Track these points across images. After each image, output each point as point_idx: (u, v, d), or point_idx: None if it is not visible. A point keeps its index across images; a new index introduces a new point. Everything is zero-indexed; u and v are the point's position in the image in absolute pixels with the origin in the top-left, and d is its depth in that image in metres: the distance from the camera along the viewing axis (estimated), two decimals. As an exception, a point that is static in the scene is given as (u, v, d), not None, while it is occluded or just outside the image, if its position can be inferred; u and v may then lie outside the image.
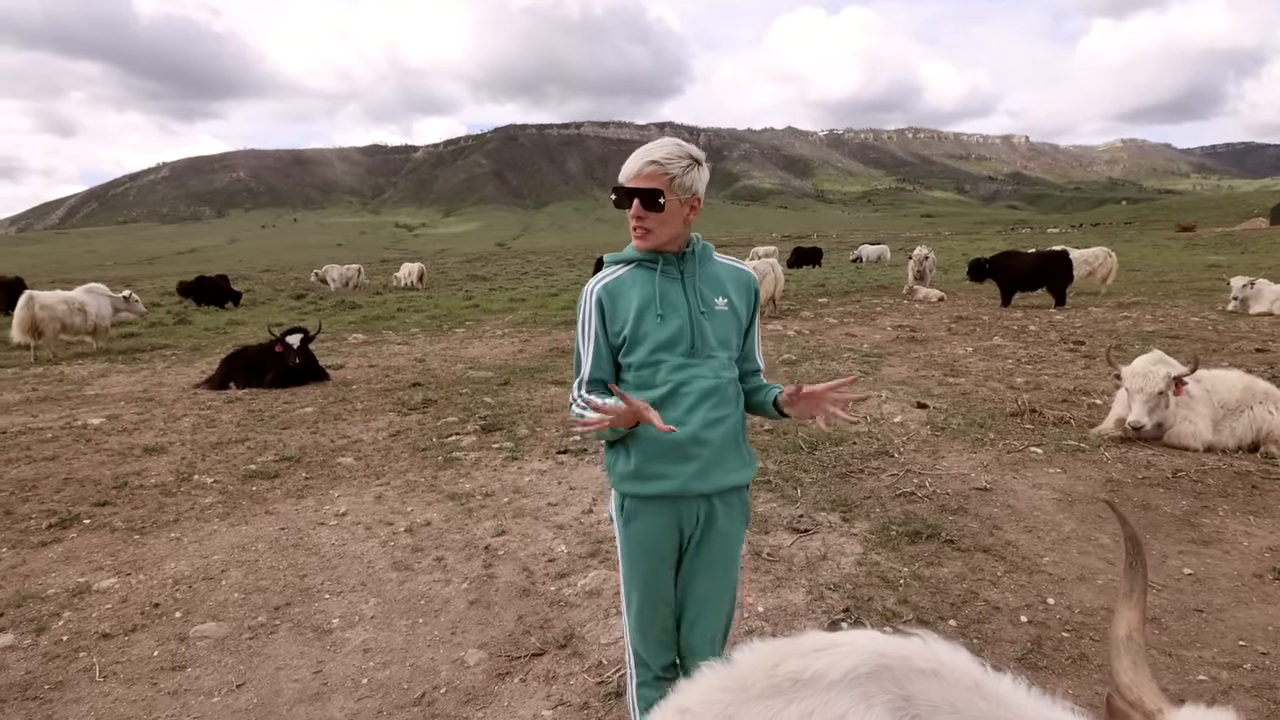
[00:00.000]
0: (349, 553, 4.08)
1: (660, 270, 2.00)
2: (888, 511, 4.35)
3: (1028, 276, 14.38)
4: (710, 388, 1.99)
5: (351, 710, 2.75)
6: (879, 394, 7.25)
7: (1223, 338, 9.90)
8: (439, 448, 5.99)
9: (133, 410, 7.61)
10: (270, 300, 22.96)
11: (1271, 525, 4.06)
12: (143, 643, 3.24)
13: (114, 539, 4.34)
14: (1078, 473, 4.96)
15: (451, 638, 3.21)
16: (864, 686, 1.29)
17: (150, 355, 11.60)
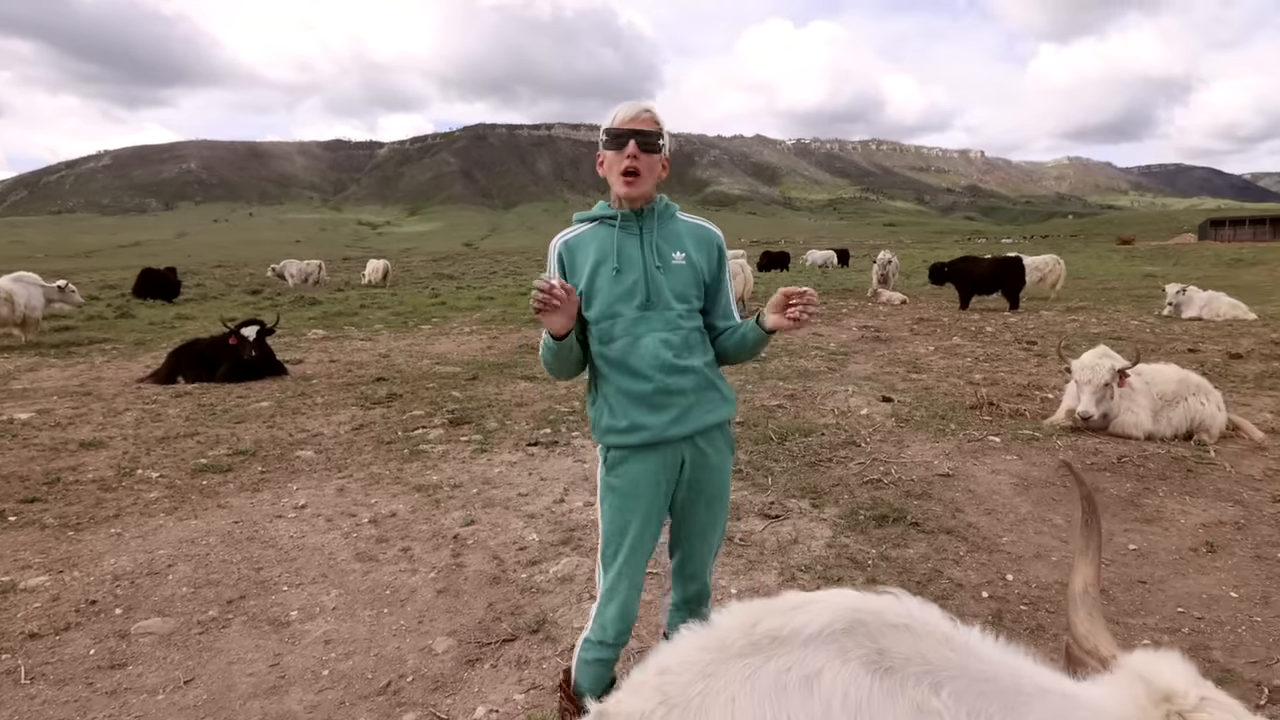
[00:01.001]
0: (309, 545, 3.91)
1: (619, 226, 2.06)
2: (856, 498, 4.39)
3: (984, 281, 14.88)
4: (671, 339, 2.03)
5: (311, 702, 2.61)
6: (846, 388, 7.35)
7: (1159, 339, 10.38)
8: (404, 441, 5.82)
9: (67, 405, 7.17)
10: (223, 295, 22.19)
11: (1204, 504, 4.27)
12: (77, 642, 3.02)
13: (44, 536, 4.06)
14: (1032, 459, 5.12)
15: (419, 626, 3.10)
16: (839, 642, 1.32)
17: (88, 349, 10.98)
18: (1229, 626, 2.97)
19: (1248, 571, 3.42)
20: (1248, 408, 6.25)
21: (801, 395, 7.14)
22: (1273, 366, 8.04)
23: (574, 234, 2.12)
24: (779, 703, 1.27)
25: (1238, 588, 3.27)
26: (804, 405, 6.73)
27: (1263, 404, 6.47)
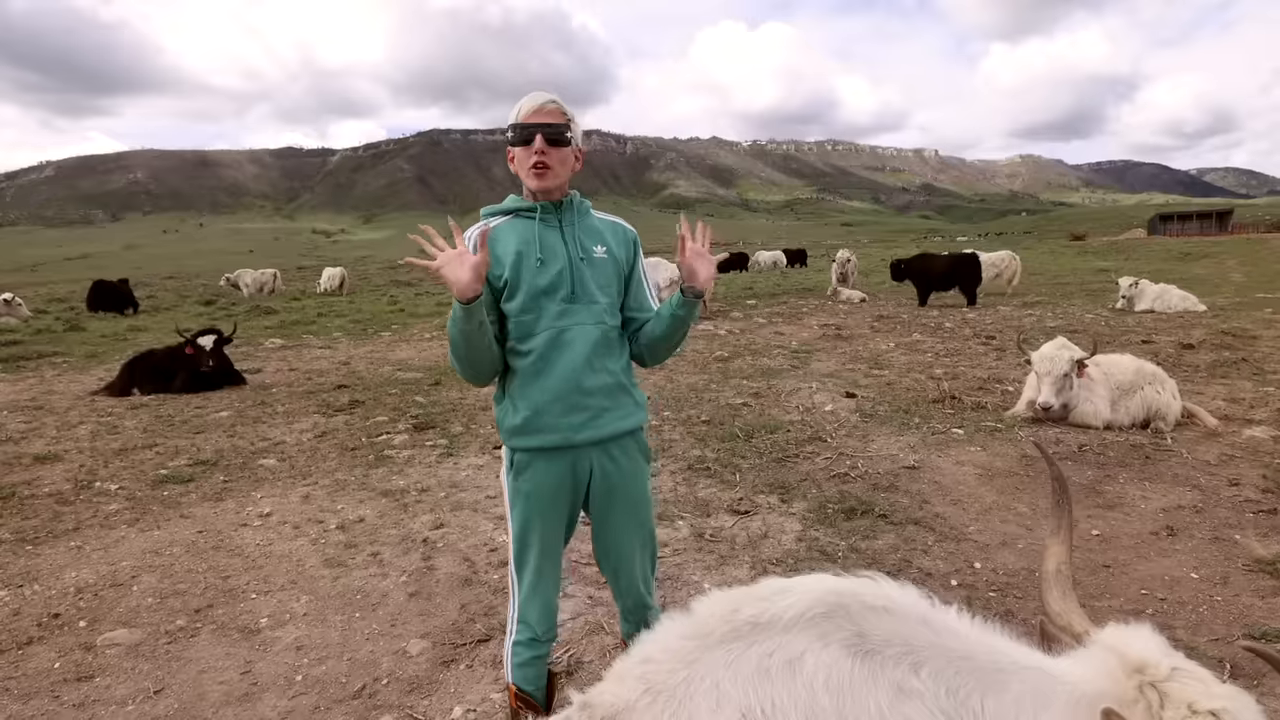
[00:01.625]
0: (276, 552, 3.87)
1: (539, 219, 2.00)
2: (823, 492, 4.45)
3: (942, 277, 15.09)
4: (593, 335, 1.99)
5: (285, 708, 2.60)
6: (810, 385, 7.44)
7: (1114, 331, 10.63)
8: (369, 447, 5.77)
9: (18, 419, 7.00)
10: (176, 306, 21.65)
11: (1163, 490, 4.38)
12: (40, 655, 2.97)
13: (2, 551, 3.97)
14: (996, 450, 5.21)
15: (392, 630, 3.09)
16: (820, 626, 1.34)
17: (37, 362, 10.71)
18: (1190, 606, 3.04)
19: (1207, 553, 3.50)
20: (1201, 396, 6.39)
21: (766, 393, 7.20)
22: (1223, 356, 8.21)
23: (492, 226, 2.00)
24: (762, 687, 1.29)
25: (1198, 569, 3.34)
26: (769, 403, 6.80)
27: (1215, 392, 6.63)
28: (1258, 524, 3.79)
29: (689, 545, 3.78)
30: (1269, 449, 4.96)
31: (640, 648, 1.45)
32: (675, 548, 3.76)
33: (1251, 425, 5.52)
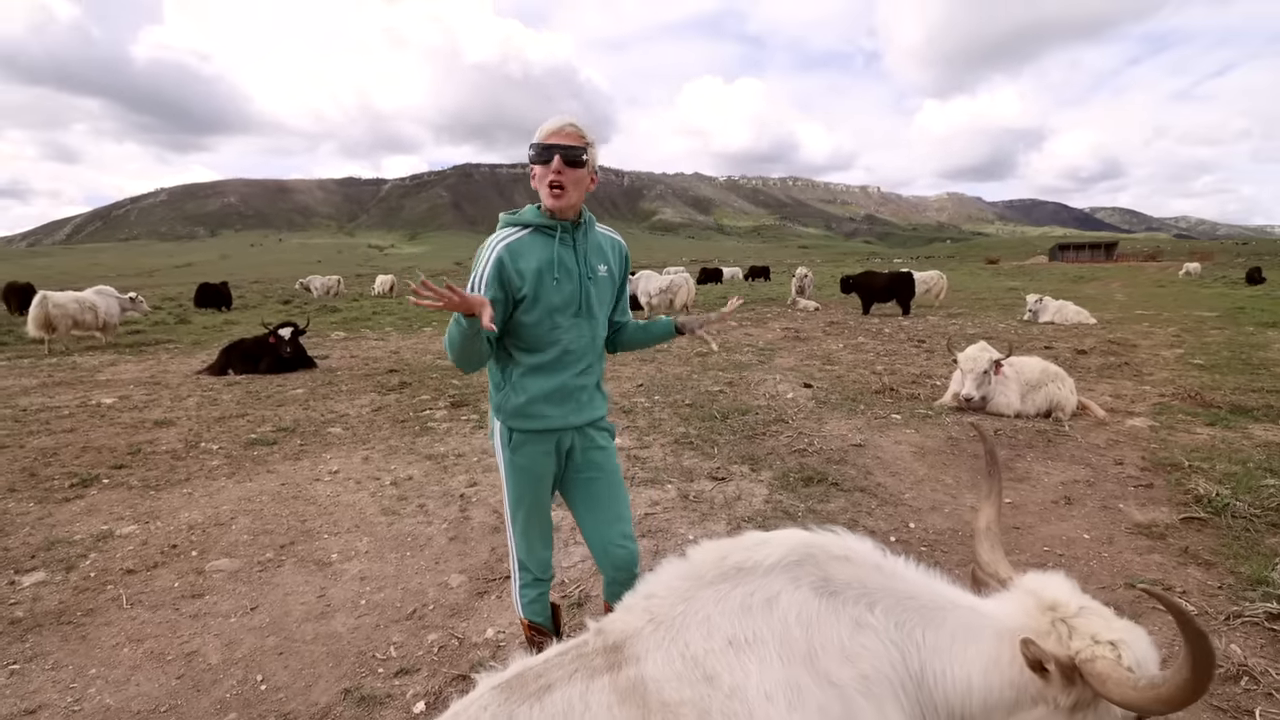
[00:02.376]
0: (343, 502, 3.88)
1: (558, 237, 1.85)
2: (786, 464, 4.44)
3: (882, 291, 15.00)
4: (591, 346, 1.95)
5: (353, 625, 2.63)
6: (774, 377, 7.42)
7: (1021, 338, 10.59)
8: (415, 420, 5.77)
9: (142, 392, 7.03)
10: (260, 305, 21.53)
11: (1062, 467, 4.39)
12: (163, 576, 3.01)
13: (131, 495, 4.02)
14: (927, 433, 5.21)
15: (436, 566, 3.11)
16: (793, 571, 1.36)
17: (155, 348, 10.72)
18: (1083, 561, 3.06)
19: (1096, 518, 3.53)
20: (1092, 392, 6.39)
21: (738, 383, 7.18)
22: (1110, 360, 8.20)
23: (514, 238, 1.84)
24: (745, 620, 1.30)
25: (1089, 531, 3.38)
26: (740, 390, 6.78)
27: (1103, 389, 6.62)
28: (1137, 496, 3.81)
29: (676, 504, 3.79)
30: (1146, 435, 4.98)
31: (644, 585, 1.45)
32: (665, 506, 3.76)
33: (1132, 416, 5.53)
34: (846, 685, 1.24)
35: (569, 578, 2.97)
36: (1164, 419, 5.39)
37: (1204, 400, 5.87)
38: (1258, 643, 2.36)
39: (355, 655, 2.43)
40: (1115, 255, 64.38)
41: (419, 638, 2.54)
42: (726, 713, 1.20)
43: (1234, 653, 2.27)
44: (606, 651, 1.32)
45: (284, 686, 2.27)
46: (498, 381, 1.97)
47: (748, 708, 1.20)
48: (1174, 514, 3.49)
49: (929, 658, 1.30)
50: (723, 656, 1.26)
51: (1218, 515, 3.39)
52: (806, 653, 1.26)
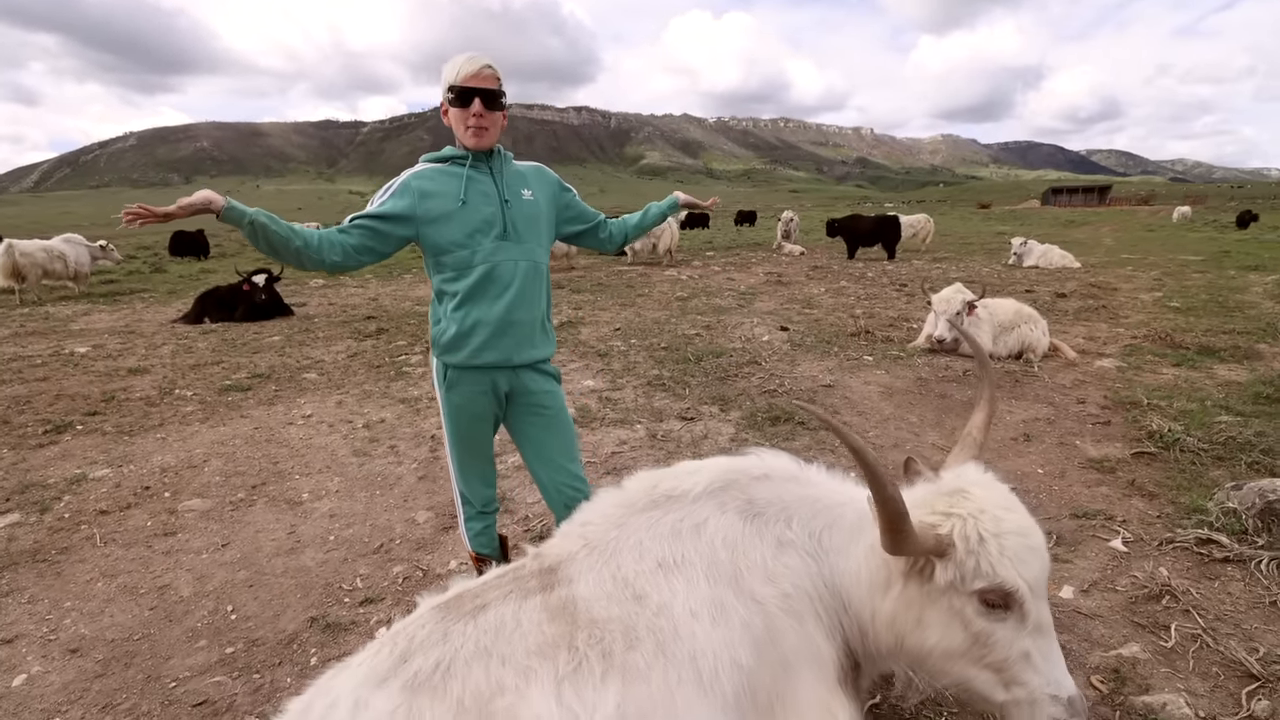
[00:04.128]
0: (315, 444, 3.94)
1: (470, 167, 1.88)
2: (755, 404, 4.49)
3: (868, 235, 14.78)
4: (524, 269, 1.90)
5: (321, 559, 2.71)
6: (752, 321, 7.43)
7: (1004, 282, 10.56)
8: (391, 365, 5.78)
9: (116, 341, 6.97)
10: (239, 253, 21.05)
11: (1025, 406, 4.46)
12: (136, 516, 3.08)
13: (105, 440, 4.05)
14: (897, 373, 5.26)
15: (404, 504, 3.18)
16: (719, 497, 1.42)
17: (130, 298, 10.54)
18: (1033, 494, 3.11)
19: (1052, 454, 3.59)
20: (1066, 334, 6.42)
21: (715, 326, 7.18)
22: (1088, 304, 8.19)
23: (427, 168, 1.89)
24: (675, 544, 1.36)
25: (1043, 466, 3.44)
26: (717, 334, 6.79)
27: (1078, 332, 6.66)
28: (1094, 433, 3.88)
29: (644, 444, 3.85)
30: (1113, 376, 5.03)
31: (581, 513, 1.51)
32: (632, 445, 3.82)
33: (1102, 358, 5.58)
34: (769, 603, 1.30)
35: (533, 513, 3.05)
36: (1132, 360, 5.45)
37: (1174, 342, 5.93)
38: (1184, 565, 2.49)
39: (323, 587, 2.52)
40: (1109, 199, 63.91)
41: (385, 570, 2.62)
42: (652, 628, 1.25)
43: (1160, 574, 2.40)
44: (541, 574, 1.38)
45: (253, 616, 2.36)
46: (435, 318, 1.97)
47: (673, 624, 1.26)
48: (1126, 449, 3.58)
49: (836, 560, 1.37)
50: (652, 578, 1.32)
51: (1167, 450, 3.48)
52: (732, 574, 1.32)
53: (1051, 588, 2.36)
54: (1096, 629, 2.15)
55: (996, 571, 1.19)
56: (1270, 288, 9.01)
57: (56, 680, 2.06)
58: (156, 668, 2.11)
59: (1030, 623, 1.22)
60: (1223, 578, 2.39)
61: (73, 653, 2.18)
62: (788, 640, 1.28)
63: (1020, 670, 1.23)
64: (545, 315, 2.02)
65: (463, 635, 1.24)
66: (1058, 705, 1.21)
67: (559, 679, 1.17)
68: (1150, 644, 2.07)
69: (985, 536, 1.21)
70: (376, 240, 1.83)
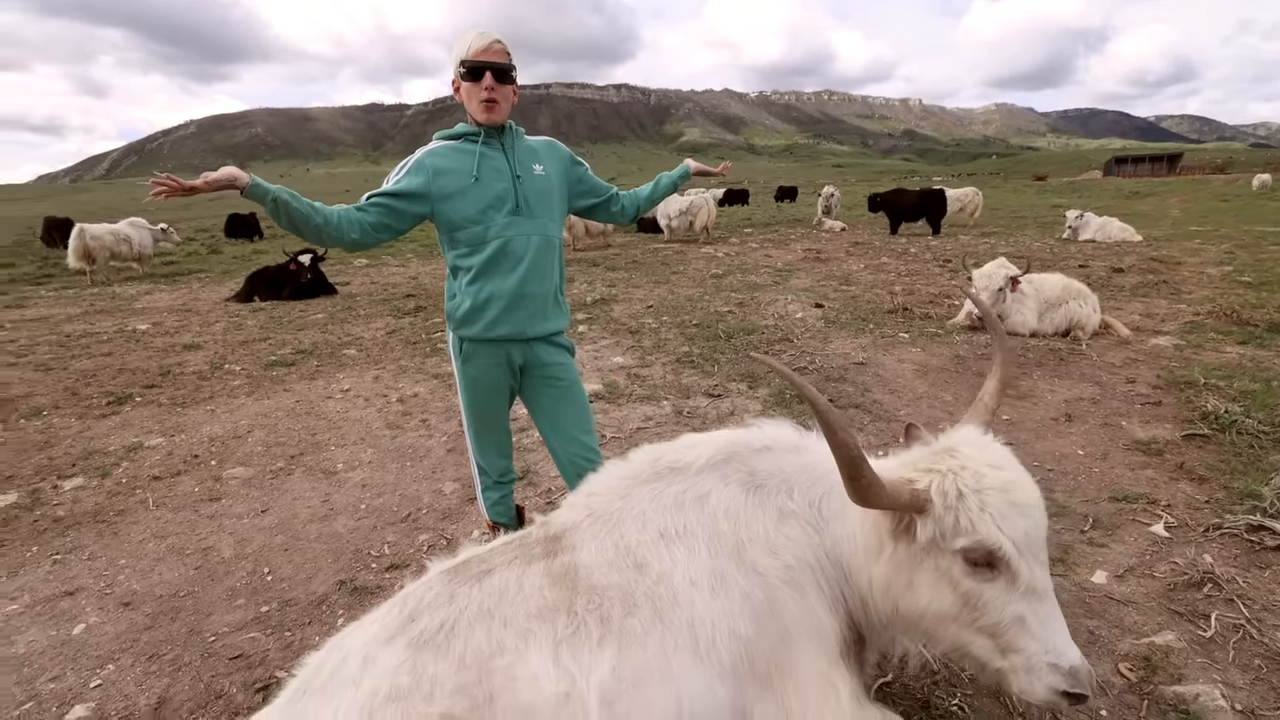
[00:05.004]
0: (351, 417, 4.06)
1: (482, 143, 1.89)
2: (783, 382, 4.40)
3: (911, 209, 14.25)
4: (537, 243, 1.91)
5: (353, 526, 2.81)
6: (786, 297, 7.29)
7: (1056, 257, 10.08)
8: (427, 341, 5.90)
9: (174, 318, 7.36)
10: (288, 235, 21.76)
11: (1069, 385, 4.27)
12: (185, 483, 3.25)
13: (160, 411, 4.29)
14: (933, 351, 5.10)
15: (432, 475, 3.26)
16: (721, 470, 1.41)
17: (187, 278, 11.09)
18: (1071, 476, 3.00)
19: (1095, 435, 3.45)
20: (1121, 311, 6.13)
21: (749, 303, 7.08)
22: (1147, 279, 7.82)
23: (440, 146, 1.92)
24: (678, 515, 1.37)
25: (1084, 447, 3.30)
26: (750, 311, 6.69)
27: (1134, 308, 6.36)
28: (1143, 414, 3.70)
29: (669, 420, 3.84)
30: (1169, 354, 4.77)
31: (587, 484, 1.53)
32: (658, 421, 3.82)
33: (1159, 335, 5.30)
34: (770, 575, 1.29)
35: (555, 485, 3.09)
36: (1192, 338, 5.16)
37: (1240, 318, 5.57)
38: (1232, 553, 2.36)
39: (352, 552, 2.61)
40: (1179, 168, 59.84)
41: (411, 538, 2.70)
42: (651, 596, 1.27)
43: (1203, 561, 2.27)
44: (546, 541, 1.41)
45: (287, 578, 2.47)
46: (451, 292, 2.00)
47: (672, 592, 1.27)
48: (1177, 431, 3.40)
49: (835, 527, 1.36)
50: (654, 547, 1.33)
51: (1222, 432, 3.29)
52: (734, 545, 1.32)
53: (1084, 572, 2.28)
54: (1129, 615, 2.06)
55: (976, 528, 1.16)
56: None
57: (110, 630, 2.21)
58: (198, 623, 2.23)
59: (1022, 584, 1.17)
60: (1274, 566, 2.25)
61: (125, 606, 2.33)
62: (789, 612, 1.28)
63: (1015, 636, 1.18)
64: (558, 288, 2.03)
65: (468, 598, 1.28)
66: (1057, 674, 1.16)
67: (557, 641, 1.20)
68: (1187, 633, 1.97)
69: (964, 492, 1.17)
70: (392, 218, 1.86)
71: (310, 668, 1.27)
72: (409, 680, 1.15)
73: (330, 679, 1.20)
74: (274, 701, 1.30)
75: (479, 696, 1.15)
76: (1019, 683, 1.19)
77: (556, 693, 1.16)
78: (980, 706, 1.72)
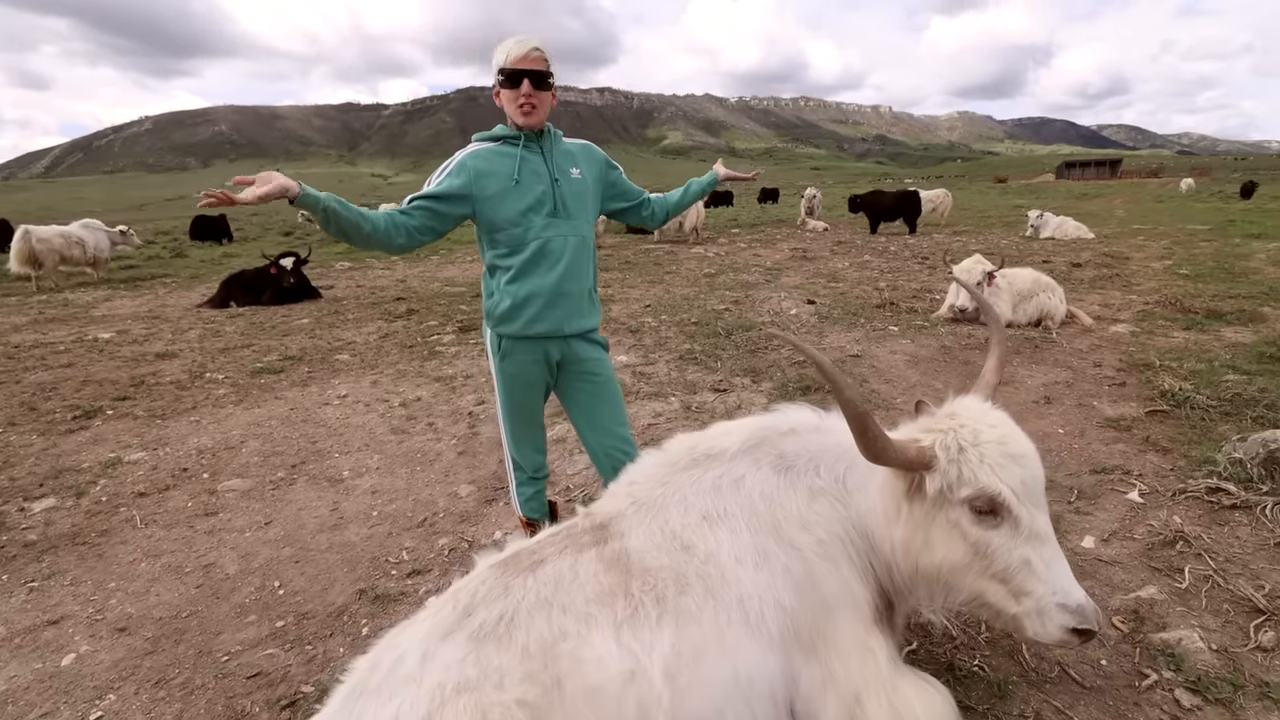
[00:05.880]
0: (352, 423, 3.90)
1: (522, 146, 1.91)
2: (785, 375, 4.44)
3: (889, 210, 14.63)
4: (574, 244, 1.93)
5: (366, 534, 2.68)
6: (779, 295, 7.34)
7: (1021, 253, 10.45)
8: (424, 345, 5.73)
9: (140, 326, 6.94)
10: (260, 237, 21.10)
11: (1045, 370, 4.45)
12: (176, 498, 3.05)
13: (137, 424, 4.02)
14: (922, 342, 5.22)
15: (445, 479, 3.15)
16: (753, 454, 1.48)
17: (151, 283, 10.50)
18: (1055, 453, 3.13)
19: (1072, 415, 3.61)
20: (1082, 302, 6.40)
21: (744, 301, 7.11)
22: (1102, 272, 8.20)
23: (482, 148, 1.93)
24: (717, 498, 1.42)
25: (1064, 426, 3.45)
26: (746, 308, 6.72)
27: (1093, 299, 6.64)
28: (1111, 394, 3.92)
29: (679, 415, 3.81)
30: (1127, 340, 5.05)
31: (626, 474, 1.58)
32: (668, 417, 3.78)
33: (1117, 323, 5.59)
34: (806, 549, 1.36)
35: (574, 484, 3.02)
36: (1145, 325, 5.46)
37: (1184, 307, 5.96)
38: (1196, 513, 2.55)
39: (369, 561, 2.49)
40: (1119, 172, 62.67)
41: (430, 543, 2.59)
42: (701, 575, 1.32)
43: (1174, 522, 2.45)
44: (593, 530, 1.43)
45: (301, 590, 2.34)
46: (489, 290, 2.00)
47: (720, 570, 1.32)
48: (1141, 408, 3.62)
49: (858, 499, 1.43)
50: (698, 529, 1.39)
51: (1179, 408, 3.54)
52: (771, 523, 1.39)
53: (1075, 538, 2.44)
54: (1116, 574, 2.22)
55: (978, 477, 1.24)
56: (1273, 254, 9.00)
57: (106, 658, 2.04)
58: (207, 643, 2.09)
59: (1024, 529, 1.25)
60: (1231, 523, 2.45)
61: (120, 631, 2.16)
62: (827, 583, 1.35)
63: (1025, 579, 1.25)
64: (592, 287, 2.05)
65: (523, 589, 1.29)
66: (1066, 613, 1.24)
67: (618, 623, 1.24)
68: (1166, 586, 2.14)
69: (965, 446, 1.26)
70: (435, 220, 1.87)
71: (363, 669, 1.25)
72: (475, 672, 1.15)
73: (388, 678, 1.18)
74: (327, 706, 1.25)
75: (547, 682, 1.16)
76: (1033, 626, 1.26)
77: (622, 671, 1.19)
78: (998, 665, 1.83)
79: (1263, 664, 1.78)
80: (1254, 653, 1.82)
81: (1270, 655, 1.80)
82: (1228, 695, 1.67)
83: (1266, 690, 1.68)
